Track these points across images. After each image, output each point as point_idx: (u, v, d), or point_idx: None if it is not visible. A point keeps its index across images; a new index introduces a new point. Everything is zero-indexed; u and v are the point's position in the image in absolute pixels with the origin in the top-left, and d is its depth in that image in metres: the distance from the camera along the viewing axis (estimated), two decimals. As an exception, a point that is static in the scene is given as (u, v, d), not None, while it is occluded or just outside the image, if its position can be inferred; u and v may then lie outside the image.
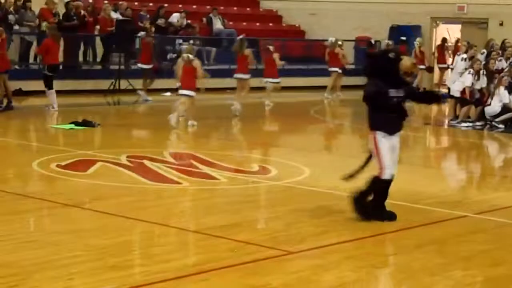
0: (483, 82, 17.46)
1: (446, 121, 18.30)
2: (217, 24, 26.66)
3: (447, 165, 13.35)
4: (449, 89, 19.00)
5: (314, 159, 12.35)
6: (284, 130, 17.06)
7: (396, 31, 27.69)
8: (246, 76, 18.27)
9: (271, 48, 19.91)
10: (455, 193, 10.23)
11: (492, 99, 17.07)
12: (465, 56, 19.23)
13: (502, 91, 17.07)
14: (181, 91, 15.41)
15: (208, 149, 12.95)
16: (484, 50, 20.65)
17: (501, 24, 26.45)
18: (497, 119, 16.91)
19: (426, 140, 16.78)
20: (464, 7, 27.19)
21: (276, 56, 19.78)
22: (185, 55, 15.43)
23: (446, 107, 19.64)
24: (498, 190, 10.57)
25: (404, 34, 26.62)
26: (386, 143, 7.82)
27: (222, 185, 9.94)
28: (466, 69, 17.98)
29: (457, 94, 17.76)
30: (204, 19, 26.77)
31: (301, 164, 11.38)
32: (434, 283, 6.29)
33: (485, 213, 8.73)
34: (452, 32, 28.43)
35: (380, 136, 7.81)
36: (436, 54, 26.15)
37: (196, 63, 15.32)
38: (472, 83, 17.34)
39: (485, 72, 17.57)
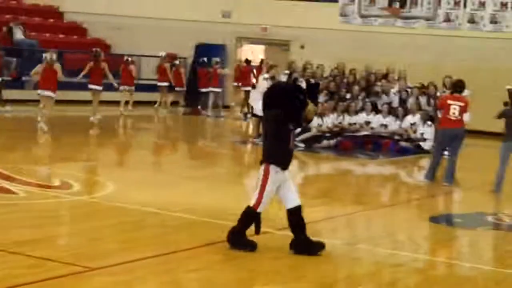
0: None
1: (250, 139, 18.60)
2: (18, 34, 25.83)
3: (250, 182, 13.52)
4: (252, 107, 19.38)
5: (120, 174, 12.15)
6: (88, 144, 16.69)
7: (201, 49, 27.99)
8: (100, 88, 19.99)
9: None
10: (258, 209, 10.32)
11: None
12: (267, 76, 19.66)
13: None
14: (45, 92, 16.90)
15: (9, 162, 12.41)
16: (287, 71, 21.24)
17: (302, 47, 27.33)
18: (297, 138, 17.39)
19: (230, 157, 17.00)
20: (267, 28, 27.90)
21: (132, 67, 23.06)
22: (48, 57, 17.05)
23: (250, 125, 19.99)
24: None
25: (209, 52, 26.96)
26: (276, 179, 7.54)
27: (21, 200, 9.53)
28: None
29: (260, 113, 18.07)
30: (5, 29, 25.85)
31: (106, 179, 11.15)
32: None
33: (287, 229, 8.88)
34: (256, 53, 29.12)
35: (273, 170, 7.52)
36: (237, 74, 26.78)
37: (57, 66, 17.08)
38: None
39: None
